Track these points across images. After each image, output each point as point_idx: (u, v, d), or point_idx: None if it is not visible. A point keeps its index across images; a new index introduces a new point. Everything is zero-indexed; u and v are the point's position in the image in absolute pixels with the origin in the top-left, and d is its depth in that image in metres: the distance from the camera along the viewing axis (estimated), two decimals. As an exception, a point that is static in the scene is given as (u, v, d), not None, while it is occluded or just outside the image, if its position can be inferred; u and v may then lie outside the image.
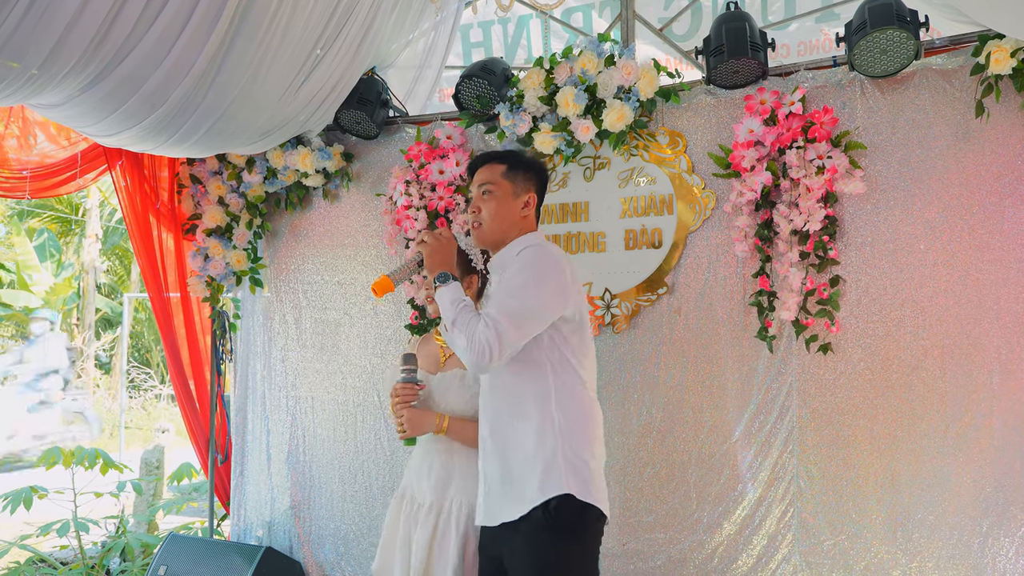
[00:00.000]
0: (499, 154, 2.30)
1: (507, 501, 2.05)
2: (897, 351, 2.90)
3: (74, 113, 2.89)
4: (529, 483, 2.01)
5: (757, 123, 3.00)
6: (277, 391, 3.99)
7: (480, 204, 2.22)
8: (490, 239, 2.22)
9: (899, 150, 2.93)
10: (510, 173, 2.23)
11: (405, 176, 3.55)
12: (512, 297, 2.00)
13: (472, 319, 1.97)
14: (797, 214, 2.92)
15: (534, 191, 2.26)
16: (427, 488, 2.27)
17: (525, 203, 2.23)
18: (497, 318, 1.94)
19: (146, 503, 5.00)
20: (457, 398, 2.26)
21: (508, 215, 2.20)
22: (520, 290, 2.01)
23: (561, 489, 1.98)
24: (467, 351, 1.95)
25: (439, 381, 2.31)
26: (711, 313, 3.16)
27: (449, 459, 2.27)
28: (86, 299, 11.49)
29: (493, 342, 1.91)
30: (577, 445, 2.03)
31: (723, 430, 3.12)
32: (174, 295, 4.04)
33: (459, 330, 1.97)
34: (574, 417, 2.06)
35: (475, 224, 2.22)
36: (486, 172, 2.24)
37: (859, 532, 2.91)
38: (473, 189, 2.26)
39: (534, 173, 2.27)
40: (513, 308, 1.97)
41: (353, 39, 3.21)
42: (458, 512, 2.20)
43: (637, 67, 3.14)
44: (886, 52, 2.81)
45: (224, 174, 3.89)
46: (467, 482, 2.24)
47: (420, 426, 2.20)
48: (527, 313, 1.98)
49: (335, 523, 3.79)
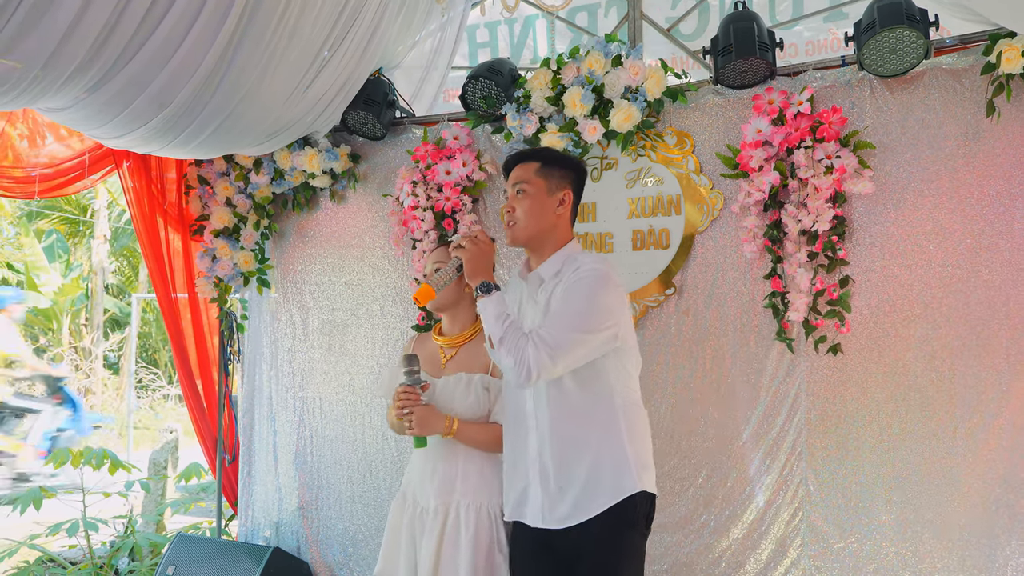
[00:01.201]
0: (533, 152, 2.27)
1: (576, 503, 2.05)
2: (906, 352, 2.88)
3: (81, 116, 2.89)
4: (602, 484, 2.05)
5: (765, 123, 2.98)
6: (284, 392, 3.99)
7: (514, 203, 2.19)
8: (524, 238, 2.19)
9: (908, 150, 2.91)
10: (544, 170, 2.20)
11: (412, 177, 3.55)
12: (572, 319, 2.00)
13: (520, 339, 1.97)
14: (806, 214, 2.90)
15: (570, 189, 2.22)
16: (431, 491, 2.24)
17: (560, 201, 2.19)
18: (549, 342, 1.95)
19: (154, 503, 5.01)
20: (462, 401, 2.24)
21: (543, 214, 2.17)
22: (577, 316, 2.00)
23: (637, 487, 2.05)
24: (514, 371, 1.96)
25: (443, 385, 2.28)
26: (719, 314, 3.14)
27: (453, 461, 2.25)
28: (94, 300, 11.52)
29: (543, 366, 1.94)
30: (640, 448, 2.12)
31: (731, 432, 3.10)
32: (182, 296, 4.05)
33: (507, 350, 1.97)
34: (635, 422, 2.13)
35: (509, 223, 2.19)
36: (520, 170, 2.22)
37: (868, 535, 2.90)
38: (508, 188, 2.23)
39: (569, 170, 2.23)
40: (566, 335, 1.97)
41: (360, 40, 3.21)
42: (466, 514, 2.18)
43: (644, 67, 3.13)
44: (895, 51, 2.79)
45: (231, 175, 3.89)
46: (470, 484, 2.22)
47: (429, 426, 2.17)
48: (580, 341, 1.99)
49: (343, 524, 3.78)
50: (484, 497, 2.22)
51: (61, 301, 11.61)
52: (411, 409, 2.17)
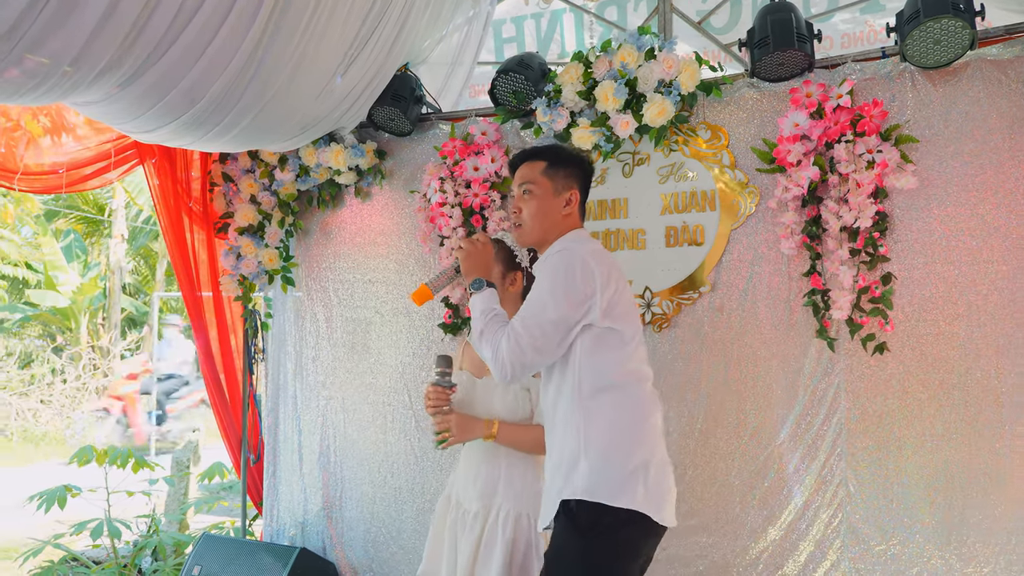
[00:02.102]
0: (539, 150, 2.23)
1: (548, 503, 2.02)
2: (950, 350, 2.81)
3: (112, 110, 2.86)
4: (556, 485, 1.98)
5: (803, 116, 2.92)
6: (308, 390, 3.96)
7: (520, 204, 2.16)
8: (531, 239, 2.16)
9: (952, 143, 2.84)
10: (550, 170, 2.16)
11: (439, 173, 3.50)
12: (533, 309, 1.97)
13: (498, 331, 1.96)
14: (847, 210, 2.84)
15: (576, 187, 2.19)
16: (474, 494, 2.21)
17: (567, 201, 2.16)
18: (520, 331, 1.94)
19: (177, 502, 4.99)
20: (501, 403, 2.20)
21: (549, 214, 2.14)
22: (540, 302, 1.97)
23: (576, 494, 1.92)
24: (492, 363, 1.96)
25: (483, 386, 2.25)
26: (755, 312, 3.08)
27: (495, 465, 2.22)
28: (112, 299, 11.55)
29: (515, 357, 1.92)
30: (602, 449, 1.95)
31: (768, 432, 3.04)
32: (206, 294, 4.02)
33: (485, 342, 1.97)
34: (605, 415, 1.97)
35: (516, 224, 2.16)
36: (525, 170, 2.18)
37: (911, 537, 2.83)
38: (514, 188, 2.20)
39: (575, 168, 2.20)
40: (533, 322, 1.95)
41: (389, 34, 3.16)
42: (504, 519, 2.15)
43: (678, 60, 3.07)
44: (939, 42, 2.72)
45: (256, 172, 3.86)
46: (513, 489, 2.19)
47: (468, 432, 2.14)
48: (547, 326, 1.94)
49: (365, 525, 3.74)
50: (525, 503, 2.19)
51: (79, 300, 11.65)
52: (447, 413, 2.14)
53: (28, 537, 4.68)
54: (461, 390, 2.29)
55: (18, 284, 12.43)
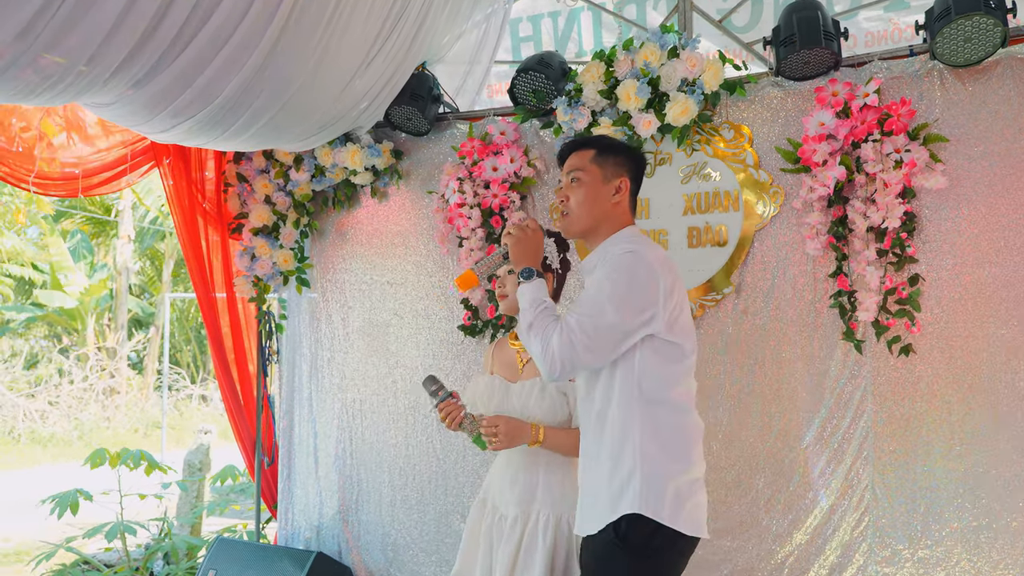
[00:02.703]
0: (588, 139, 2.18)
1: (590, 513, 1.95)
2: (978, 352, 2.77)
3: (126, 111, 2.83)
4: (602, 499, 1.91)
5: (829, 116, 2.88)
6: (324, 393, 3.92)
7: (568, 192, 2.09)
8: (578, 228, 2.08)
9: (981, 143, 2.80)
10: (599, 158, 2.09)
11: (457, 173, 3.47)
12: (594, 308, 1.86)
13: (549, 326, 1.86)
14: (874, 210, 2.80)
15: (627, 176, 2.10)
16: (511, 499, 2.17)
17: (616, 188, 2.08)
18: (575, 328, 1.83)
19: (189, 505, 4.96)
20: (537, 407, 2.15)
21: (597, 202, 2.06)
22: (599, 303, 1.87)
23: (632, 508, 1.84)
24: (540, 358, 1.86)
25: (519, 390, 2.21)
26: (779, 313, 3.04)
27: (534, 470, 2.17)
28: (118, 300, 11.53)
29: (566, 354, 1.82)
30: (657, 466, 1.88)
31: (793, 435, 3.00)
32: (219, 295, 3.98)
33: (535, 335, 1.87)
34: (661, 429, 1.91)
35: (562, 213, 2.10)
36: (575, 158, 2.12)
37: (939, 541, 2.79)
38: (562, 178, 2.14)
39: (625, 157, 2.12)
40: (592, 321, 1.84)
41: (409, 31, 3.13)
42: (544, 525, 2.11)
43: (702, 59, 3.03)
44: (970, 40, 2.68)
45: (271, 172, 3.83)
46: (552, 495, 2.15)
47: (517, 438, 2.09)
48: (603, 329, 1.84)
49: (384, 528, 3.71)
50: (564, 508, 2.15)
51: (86, 301, 11.63)
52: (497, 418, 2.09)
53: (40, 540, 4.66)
54: (495, 395, 2.24)
55: (24, 284, 12.41)
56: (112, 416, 10.78)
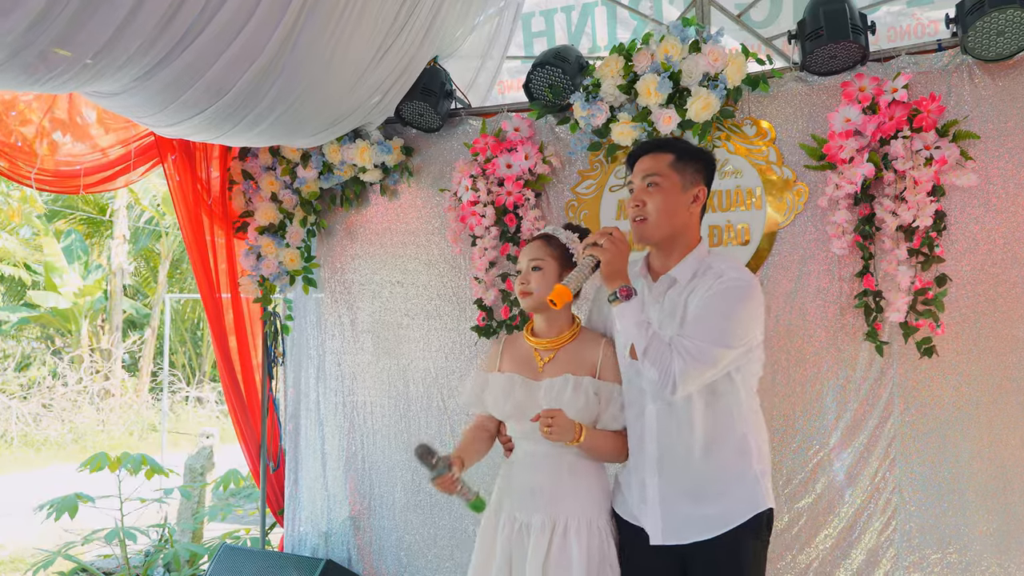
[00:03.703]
0: (666, 142, 2.13)
1: (702, 518, 1.97)
2: (1008, 353, 2.72)
3: (132, 102, 2.73)
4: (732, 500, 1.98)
5: (855, 111, 2.81)
6: (332, 396, 3.83)
7: (644, 196, 2.03)
8: (656, 236, 2.04)
9: (1010, 139, 2.74)
10: (679, 164, 2.04)
11: (470, 171, 3.38)
12: (710, 336, 1.89)
13: (664, 351, 1.88)
14: (904, 208, 2.73)
15: (704, 185, 2.08)
16: (534, 506, 2.07)
17: (695, 197, 2.05)
18: (695, 354, 1.87)
19: (191, 510, 4.86)
20: (572, 405, 2.06)
21: (677, 210, 2.03)
22: (719, 331, 1.91)
23: (769, 502, 2.01)
24: (659, 384, 1.90)
25: (547, 388, 2.11)
26: (803, 313, 2.97)
27: (557, 475, 2.08)
28: (113, 301, 11.39)
29: (687, 380, 1.87)
30: (766, 462, 2.05)
31: (818, 437, 2.93)
32: (224, 296, 3.88)
33: (651, 363, 1.89)
34: (760, 432, 2.08)
35: (639, 219, 2.03)
36: (651, 162, 2.05)
37: (968, 546, 2.72)
38: (635, 180, 2.07)
39: (703, 164, 2.09)
40: (707, 348, 1.88)
41: (424, 22, 3.04)
42: (577, 530, 2.02)
43: (724, 53, 2.96)
44: (1003, 34, 2.62)
45: (277, 170, 3.73)
46: (579, 498, 2.07)
47: (565, 433, 2.01)
48: (723, 354, 1.90)
49: (398, 533, 3.62)
50: (594, 512, 2.07)
51: (80, 302, 11.48)
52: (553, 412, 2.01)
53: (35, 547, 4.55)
54: (516, 392, 2.13)
55: (16, 285, 12.26)
56: (107, 419, 10.64)
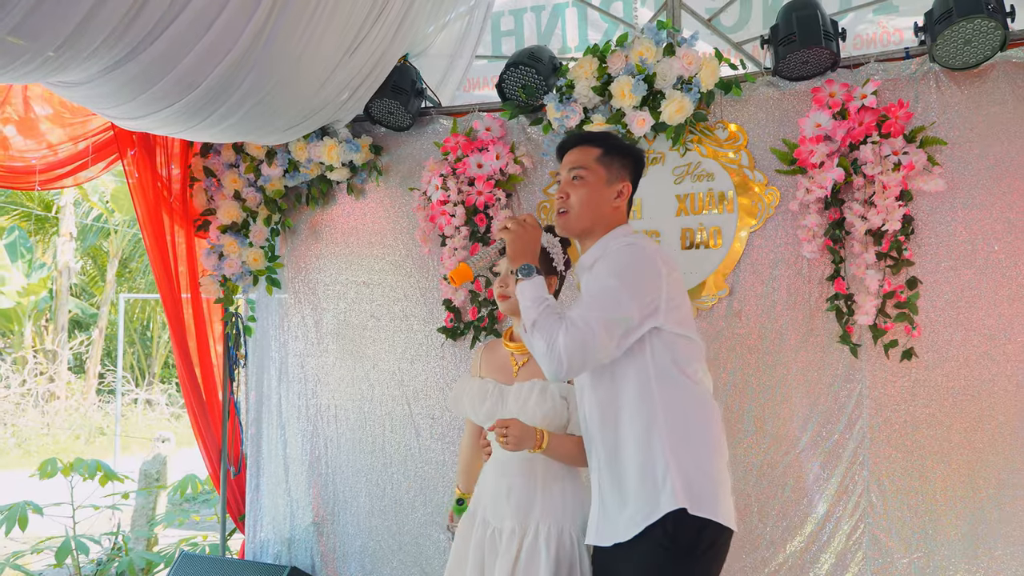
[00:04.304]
0: (593, 136, 2.10)
1: (617, 518, 1.86)
2: (975, 356, 2.76)
3: (97, 94, 2.63)
4: (633, 500, 1.83)
5: (826, 116, 2.84)
6: (295, 399, 3.74)
7: (569, 189, 2.02)
8: (576, 228, 2.03)
9: (976, 146, 2.80)
10: (605, 158, 2.03)
11: (440, 170, 3.34)
12: (600, 301, 1.81)
13: (554, 323, 1.79)
14: (874, 213, 2.76)
15: (628, 180, 2.07)
16: (507, 511, 2.04)
17: (619, 192, 2.04)
18: (581, 325, 1.76)
19: (146, 516, 4.70)
20: (537, 409, 2.04)
21: (599, 204, 2.01)
22: (607, 296, 1.81)
23: (675, 504, 1.77)
24: (546, 357, 1.78)
25: (515, 393, 2.08)
26: (773, 316, 2.99)
27: (531, 480, 2.05)
28: (59, 300, 11.02)
29: (575, 351, 1.75)
30: (690, 455, 1.83)
31: (787, 440, 2.95)
32: (183, 296, 3.77)
33: (539, 334, 1.79)
34: (682, 421, 1.86)
35: (561, 210, 2.03)
36: (578, 155, 2.05)
37: (936, 549, 2.76)
38: (562, 172, 2.06)
39: (631, 160, 2.08)
40: (596, 317, 1.78)
41: (395, 18, 2.98)
42: (547, 537, 1.99)
43: (698, 57, 2.97)
44: (970, 43, 2.67)
45: (241, 167, 3.63)
46: (552, 504, 2.04)
47: (524, 442, 1.97)
48: (611, 324, 1.78)
49: (362, 540, 3.54)
50: (566, 519, 2.04)
51: (24, 302, 11.08)
52: (509, 421, 1.97)
53: (-19, 557, 4.36)
54: (488, 398, 2.11)
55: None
56: (51, 422, 10.29)
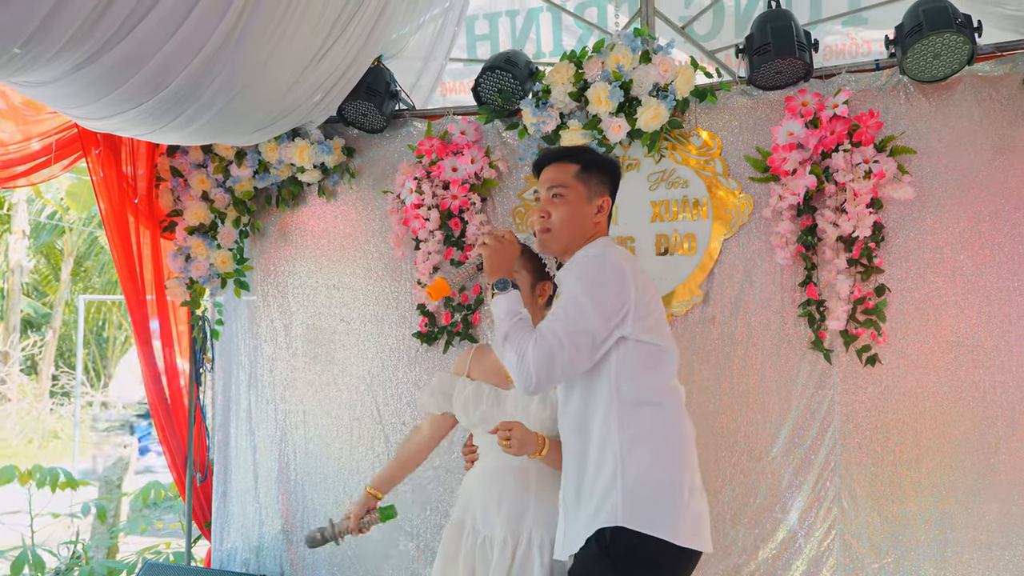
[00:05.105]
0: (571, 151, 2.09)
1: (574, 528, 1.87)
2: (944, 363, 2.82)
3: (61, 93, 2.54)
4: (586, 510, 1.84)
5: (798, 125, 2.87)
6: (264, 404, 3.67)
7: (549, 208, 2.00)
8: (558, 247, 2.02)
9: (944, 157, 2.85)
10: (583, 174, 2.02)
11: (414, 173, 3.30)
12: (564, 315, 1.82)
13: (524, 336, 1.80)
14: (845, 220, 2.80)
15: (608, 194, 2.06)
16: (498, 520, 2.02)
17: (599, 208, 2.03)
18: (549, 337, 1.78)
19: (107, 524, 4.57)
20: (536, 418, 2.02)
21: (581, 221, 2.00)
22: (572, 309, 1.82)
23: (612, 521, 1.78)
24: (516, 370, 1.79)
25: (515, 397, 2.06)
26: (747, 323, 3.02)
27: (524, 488, 2.04)
28: (11, 300, 10.71)
29: (542, 364, 1.76)
30: (644, 470, 1.82)
31: (760, 446, 2.98)
32: (148, 297, 3.67)
33: (510, 347, 1.81)
34: (643, 439, 1.84)
35: (543, 229, 2.01)
36: (556, 171, 2.03)
37: (906, 554, 2.81)
38: (540, 190, 2.04)
39: (608, 174, 2.07)
40: (563, 330, 1.79)
41: (369, 18, 2.94)
42: (540, 546, 1.98)
43: (674, 64, 2.98)
44: (939, 56, 2.72)
45: (209, 167, 3.56)
46: (544, 512, 2.03)
47: (526, 447, 1.96)
48: (578, 336, 1.79)
49: (330, 547, 3.46)
50: None
51: (-26, 302, 10.76)
52: (512, 424, 1.95)
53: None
54: (483, 401, 2.08)
55: (-98, 283, 11.39)
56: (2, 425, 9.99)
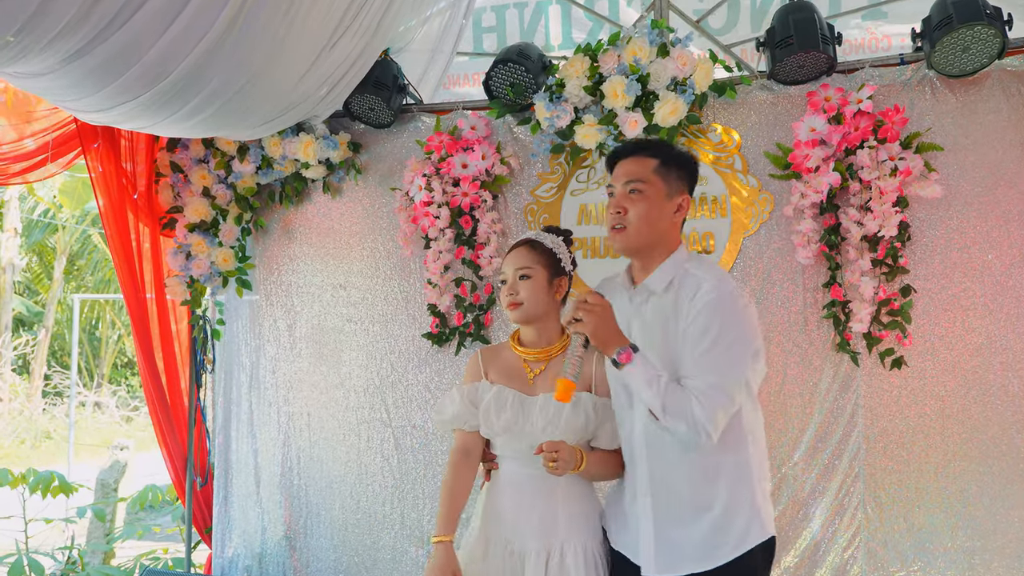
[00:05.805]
0: (649, 144, 1.97)
1: (698, 548, 1.82)
2: (972, 365, 2.74)
3: (58, 85, 2.44)
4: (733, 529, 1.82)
5: (821, 121, 2.79)
6: (266, 406, 3.57)
7: (626, 203, 1.88)
8: (635, 245, 1.90)
9: (971, 154, 2.78)
10: (663, 169, 1.90)
11: (423, 169, 3.21)
12: (718, 370, 1.76)
13: (682, 401, 1.74)
14: (870, 218, 2.72)
15: (687, 192, 1.95)
16: (529, 532, 1.93)
17: (679, 206, 1.92)
18: (711, 394, 1.73)
19: (103, 529, 4.46)
20: (571, 422, 1.93)
21: (659, 220, 1.89)
22: (727, 356, 1.77)
23: (767, 533, 1.85)
24: (692, 434, 1.75)
25: (544, 405, 1.96)
26: (768, 324, 2.93)
27: (552, 499, 1.95)
28: (2, 299, 10.56)
29: (712, 423, 1.74)
30: (767, 481, 1.93)
31: (781, 452, 2.89)
32: (147, 296, 3.57)
33: (673, 418, 1.75)
34: (762, 450, 1.94)
35: (618, 226, 1.89)
36: (633, 165, 1.91)
37: (932, 562, 2.73)
38: (616, 185, 1.93)
39: (688, 170, 1.95)
40: (720, 382, 1.75)
41: (377, 12, 2.85)
42: (574, 555, 1.89)
43: (693, 58, 2.89)
44: (968, 50, 2.64)
45: (211, 163, 3.46)
46: (575, 522, 1.94)
47: (569, 465, 1.87)
48: (733, 389, 1.77)
49: (336, 554, 3.40)
50: (589, 536, 1.95)
51: (-35, 300, 10.60)
52: (559, 443, 1.87)
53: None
54: (507, 408, 1.97)
55: None
56: (-6, 426, 9.86)
